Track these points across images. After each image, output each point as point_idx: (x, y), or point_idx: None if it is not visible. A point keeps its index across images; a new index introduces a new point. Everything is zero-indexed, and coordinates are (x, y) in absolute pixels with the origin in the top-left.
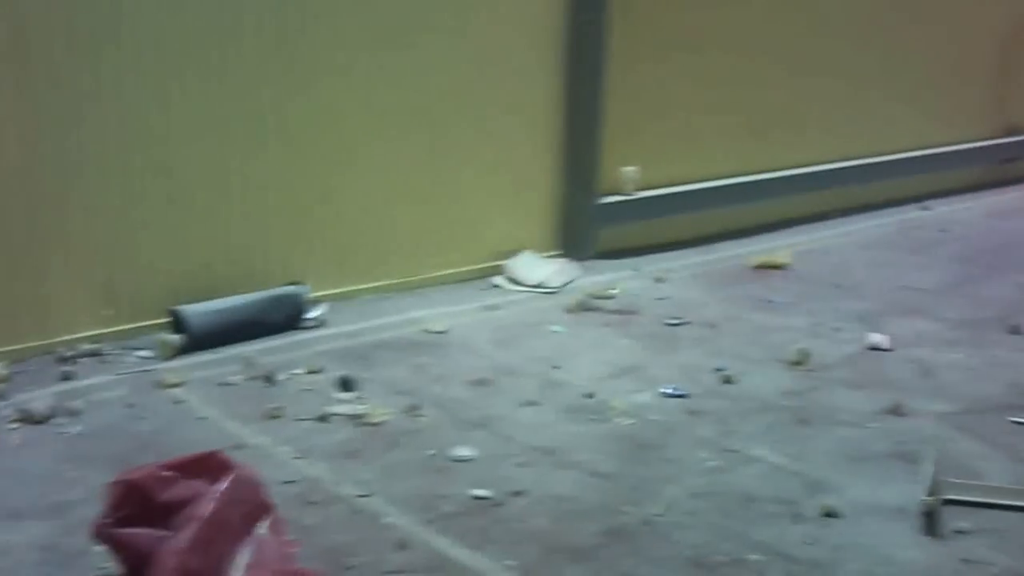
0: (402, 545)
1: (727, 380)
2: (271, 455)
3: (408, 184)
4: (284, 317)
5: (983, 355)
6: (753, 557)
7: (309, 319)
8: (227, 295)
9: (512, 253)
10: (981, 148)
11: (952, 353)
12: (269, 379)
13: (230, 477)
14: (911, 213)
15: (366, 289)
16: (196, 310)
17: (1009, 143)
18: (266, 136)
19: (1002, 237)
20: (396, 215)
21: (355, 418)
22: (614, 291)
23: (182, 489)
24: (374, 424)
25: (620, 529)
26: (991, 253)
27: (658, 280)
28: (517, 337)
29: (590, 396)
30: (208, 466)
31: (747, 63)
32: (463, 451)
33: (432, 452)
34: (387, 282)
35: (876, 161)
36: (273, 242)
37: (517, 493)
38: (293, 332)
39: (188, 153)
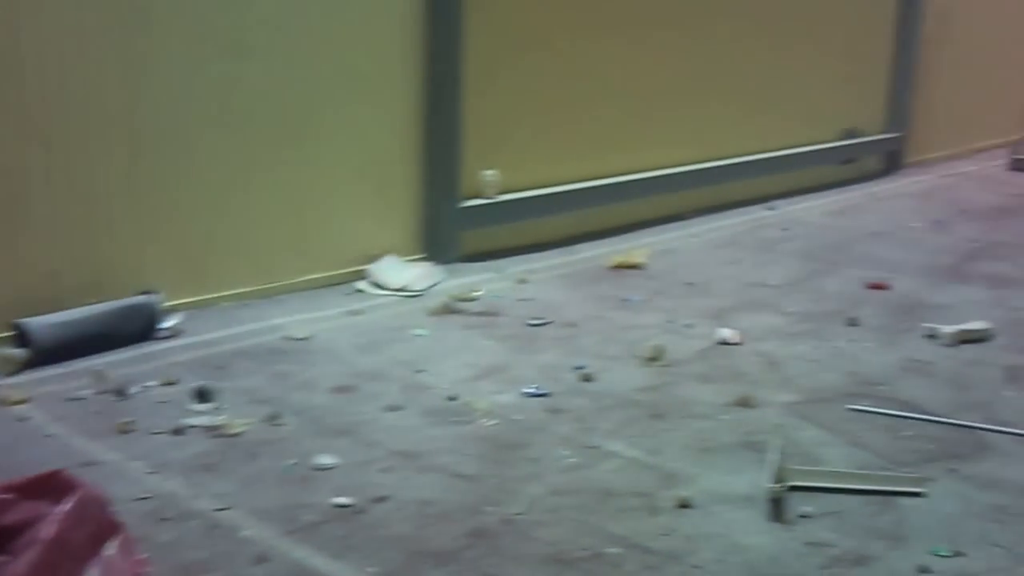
0: (261, 558)
1: (586, 378)
2: (123, 471)
3: (267, 190)
4: (137, 328)
5: (825, 347)
6: (611, 550)
7: (164, 329)
8: (75, 306)
9: (375, 257)
10: (822, 150)
11: (796, 346)
12: (121, 393)
13: (75, 497)
14: (758, 213)
15: (224, 297)
16: (41, 323)
17: (848, 145)
18: (112, 139)
19: (841, 234)
20: (255, 221)
21: (212, 430)
22: (477, 293)
23: (22, 511)
24: (232, 435)
25: (482, 530)
26: (831, 250)
27: (521, 281)
28: (380, 342)
29: (453, 398)
30: (51, 486)
31: (604, 68)
32: (325, 459)
33: (293, 461)
34: (246, 289)
35: (725, 163)
36: (123, 250)
37: (380, 499)
38: (147, 343)
39: (29, 157)
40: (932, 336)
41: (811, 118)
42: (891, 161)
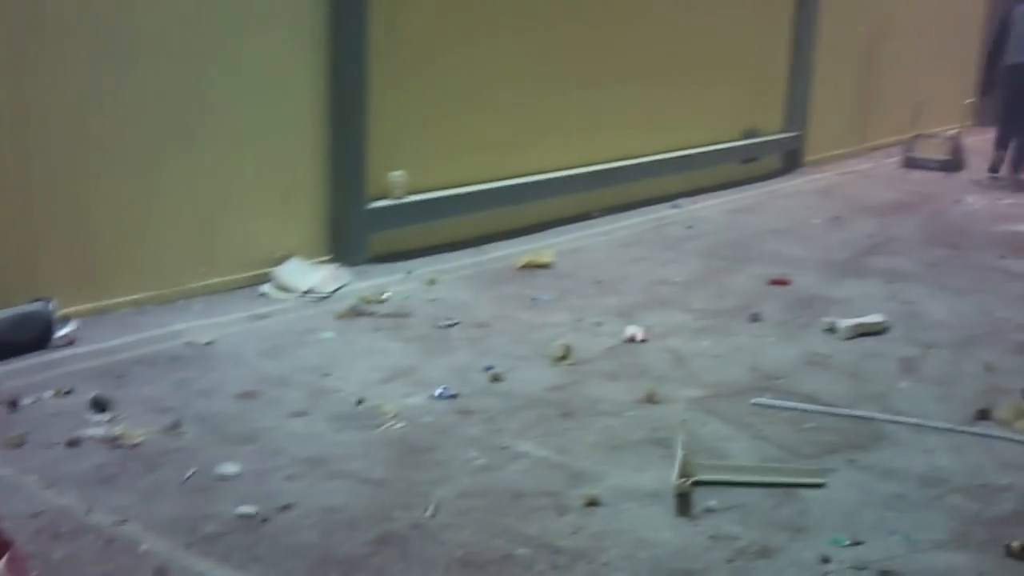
0: (160, 572)
1: (496, 378)
2: (15, 486)
3: (166, 193)
4: (30, 337)
5: (728, 342)
6: (521, 551)
7: (58, 337)
8: None
9: (280, 260)
10: (724, 150)
11: (701, 341)
12: (12, 404)
13: None
14: (663, 211)
15: (123, 303)
16: None
17: (749, 144)
18: (1, 144)
19: (743, 232)
20: (154, 225)
21: (110, 440)
22: (385, 295)
23: None
24: (131, 446)
25: (390, 535)
26: (734, 247)
27: (430, 282)
28: (286, 346)
29: (361, 402)
30: None
31: (510, 68)
32: (228, 468)
33: (194, 471)
34: (146, 294)
35: (631, 163)
36: (14, 256)
37: (285, 507)
38: (41, 352)
39: None
40: (831, 330)
41: (713, 118)
42: (790, 160)
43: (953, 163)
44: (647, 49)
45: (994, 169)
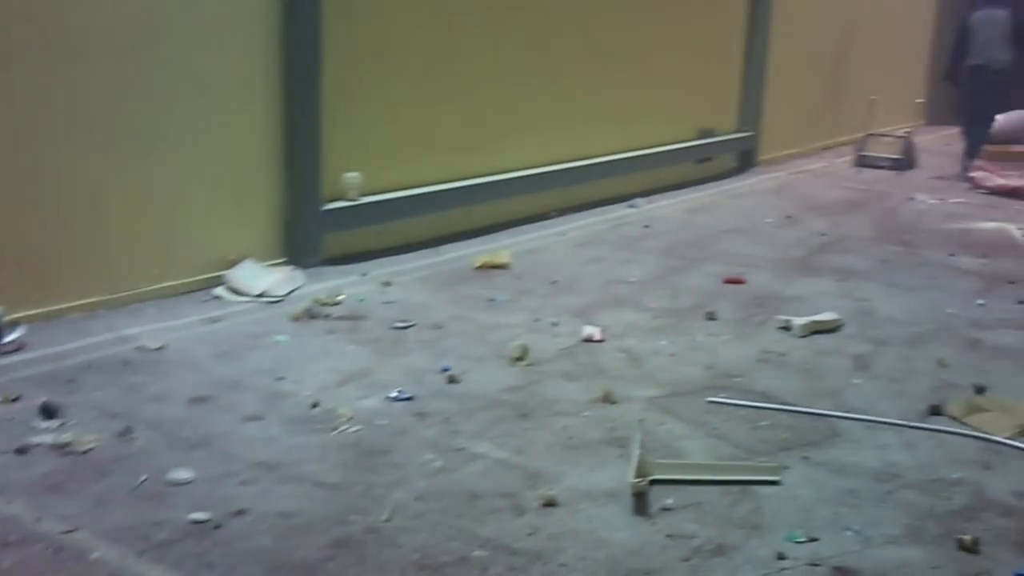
0: None
1: (452, 380)
2: None
3: (117, 195)
4: None
5: (684, 341)
6: (478, 554)
7: (5, 343)
8: None
9: (234, 263)
10: (680, 149)
11: (657, 341)
12: None
13: None
14: (620, 211)
15: (73, 307)
16: None
17: (703, 144)
18: None
19: (698, 231)
20: (104, 228)
21: (59, 447)
22: (340, 297)
23: None
24: (81, 452)
25: (346, 539)
26: (689, 246)
27: (385, 284)
28: (240, 349)
29: (316, 405)
30: None
31: (466, 69)
32: (180, 474)
33: (146, 477)
34: (96, 299)
35: (588, 163)
36: None
37: (239, 513)
38: None
39: None
40: (785, 328)
41: (669, 119)
42: (744, 159)
43: (904, 162)
44: (603, 49)
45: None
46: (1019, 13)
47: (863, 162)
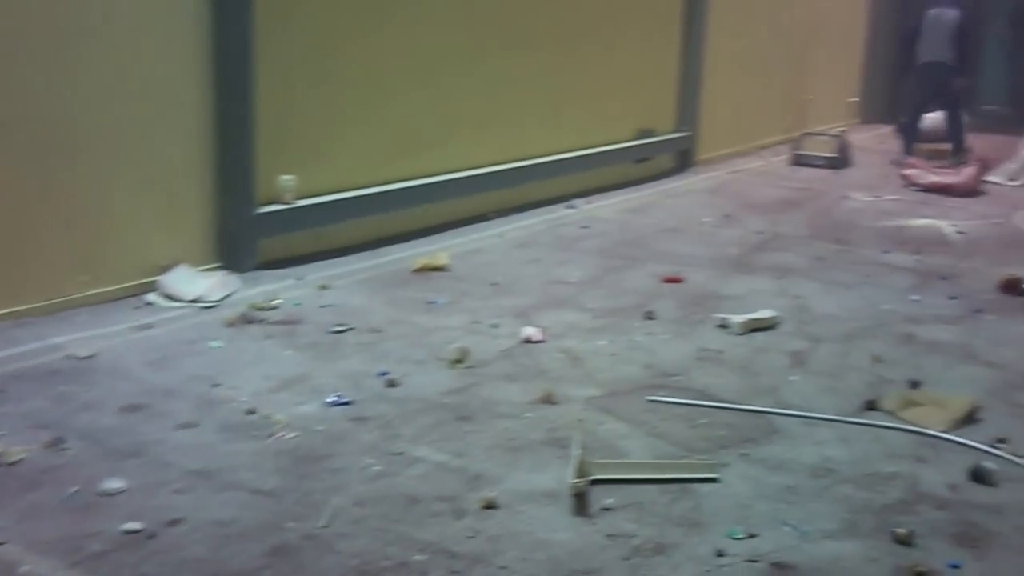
0: None
1: (391, 384)
2: None
3: (45, 200)
4: None
5: (623, 341)
6: (417, 558)
7: None
8: None
9: (166, 268)
10: (618, 150)
11: (597, 341)
12: None
13: None
14: (559, 212)
15: (0, 315)
16: None
17: (642, 144)
18: None
19: (637, 231)
20: (31, 234)
21: None
22: (277, 302)
23: None
24: (9, 464)
25: (283, 547)
26: (629, 246)
27: (322, 288)
28: (173, 356)
29: (252, 412)
30: None
31: (403, 69)
32: (113, 484)
33: (77, 488)
34: (24, 307)
35: (527, 164)
36: None
37: (173, 522)
38: None
39: None
40: (723, 326)
41: (607, 119)
42: (682, 159)
43: (839, 160)
44: (542, 50)
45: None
46: (966, 14)
47: (799, 161)
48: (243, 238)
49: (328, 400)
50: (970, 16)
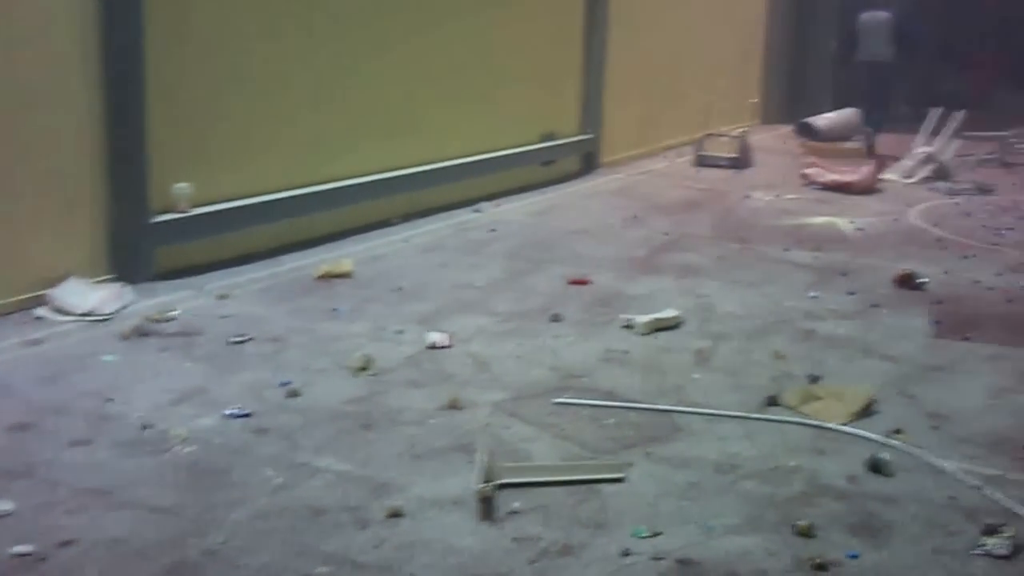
0: None
1: (293, 394)
2: None
3: None
4: None
5: (530, 344)
6: (321, 570)
7: None
8: None
9: (56, 281)
10: (524, 152)
11: (504, 344)
12: None
13: None
14: (465, 216)
15: None
16: None
17: (547, 147)
18: None
19: (544, 233)
20: None
21: None
22: (173, 313)
23: None
24: None
25: (182, 564)
26: (535, 249)
27: (221, 297)
28: (64, 372)
29: (148, 427)
30: None
31: (302, 73)
32: (1, 505)
33: None
34: None
35: (432, 168)
36: None
37: (66, 543)
38: None
39: None
40: (628, 326)
41: (512, 122)
42: (587, 161)
43: (741, 160)
44: (444, 54)
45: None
46: (899, 15)
47: (702, 161)
48: (137, 248)
49: (227, 412)
50: (902, 17)
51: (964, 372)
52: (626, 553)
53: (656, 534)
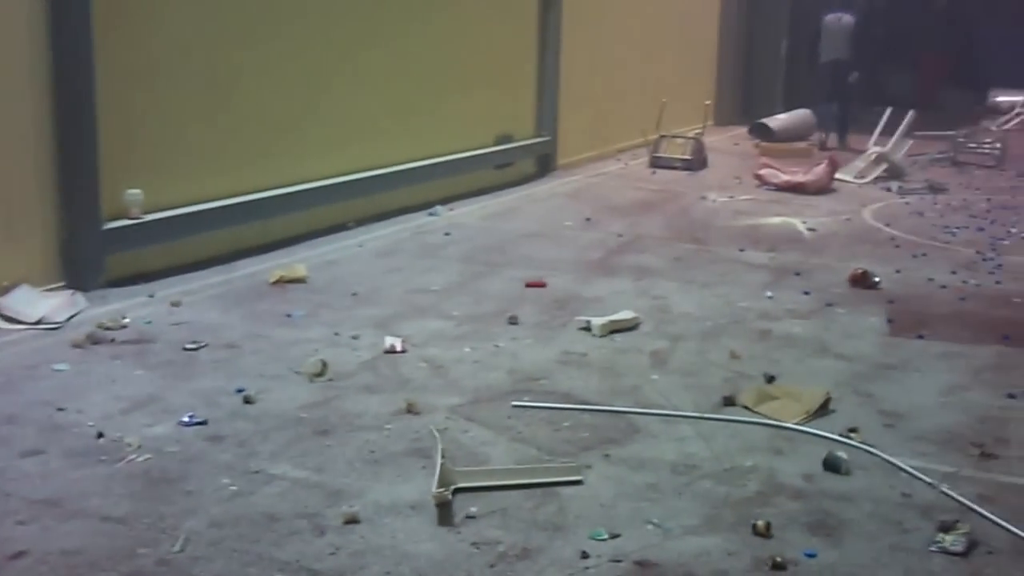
0: None
1: (247, 400)
2: None
3: None
4: None
5: (487, 347)
6: None
7: None
8: None
9: (6, 289)
10: (479, 155)
11: (460, 348)
12: None
13: None
14: (420, 219)
15: None
16: None
17: (502, 150)
18: None
19: (500, 236)
20: None
21: None
22: (126, 320)
23: None
24: None
25: (135, 574)
26: (491, 252)
27: (175, 304)
28: (14, 381)
29: (101, 436)
30: None
31: (255, 77)
32: None
33: None
34: None
35: (387, 172)
36: None
37: (17, 555)
38: None
39: None
40: (585, 328)
41: (467, 125)
42: (543, 164)
43: (696, 162)
44: (399, 58)
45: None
46: (859, 18)
47: (657, 163)
48: (89, 255)
49: (182, 420)
50: (863, 20)
51: (918, 370)
52: (585, 555)
53: (614, 536)
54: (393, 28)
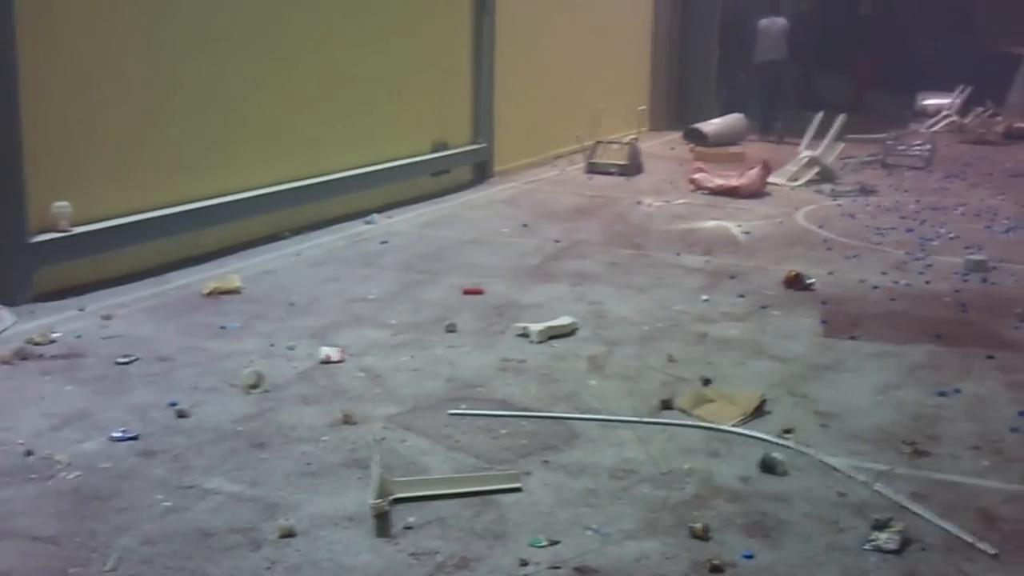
0: None
1: (181, 414)
2: None
3: None
4: None
5: (425, 355)
6: None
7: None
8: None
9: None
10: (415, 163)
11: (398, 357)
12: None
13: None
14: (357, 228)
15: None
16: None
17: (438, 157)
18: None
19: (437, 244)
20: None
21: None
22: (55, 335)
23: None
24: None
25: None
26: (429, 259)
27: (106, 318)
28: None
29: (30, 453)
30: None
31: (187, 85)
32: None
33: None
34: None
35: (322, 180)
36: None
37: None
38: None
39: None
40: (523, 335)
41: (403, 133)
42: (480, 171)
43: (631, 167)
44: (332, 65)
45: (776, 134)
46: (793, 21)
47: (593, 169)
48: (15, 269)
49: (113, 435)
50: (796, 22)
51: (851, 370)
52: (524, 563)
53: (554, 543)
54: (326, 36)
